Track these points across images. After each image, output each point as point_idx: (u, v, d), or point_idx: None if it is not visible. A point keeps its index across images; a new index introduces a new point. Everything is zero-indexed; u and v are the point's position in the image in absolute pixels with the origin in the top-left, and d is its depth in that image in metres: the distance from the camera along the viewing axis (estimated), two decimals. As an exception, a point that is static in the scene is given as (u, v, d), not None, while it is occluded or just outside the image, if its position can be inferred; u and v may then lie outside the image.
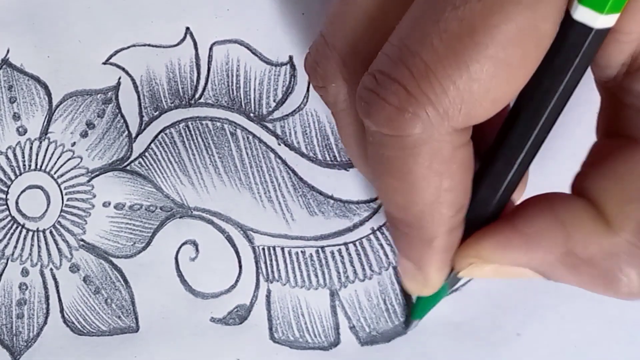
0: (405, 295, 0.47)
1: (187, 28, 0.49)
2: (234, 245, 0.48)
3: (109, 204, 0.49)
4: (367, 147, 0.37)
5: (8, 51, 0.50)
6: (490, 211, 0.39)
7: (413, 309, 0.46)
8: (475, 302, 0.47)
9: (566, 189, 0.39)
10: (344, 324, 0.47)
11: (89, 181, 0.49)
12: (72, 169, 0.49)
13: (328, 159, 0.48)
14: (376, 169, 0.37)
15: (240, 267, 0.48)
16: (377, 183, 0.37)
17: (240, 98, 0.49)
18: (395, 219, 0.38)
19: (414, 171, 0.35)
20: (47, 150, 0.49)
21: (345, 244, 0.48)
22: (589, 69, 0.36)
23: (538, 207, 0.38)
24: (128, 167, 0.49)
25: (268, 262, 0.48)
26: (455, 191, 0.36)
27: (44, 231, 0.49)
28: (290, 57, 0.49)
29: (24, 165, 0.49)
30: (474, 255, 0.38)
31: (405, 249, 0.40)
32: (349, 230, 0.48)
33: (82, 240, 0.48)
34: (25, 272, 0.48)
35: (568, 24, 0.33)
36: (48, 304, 0.48)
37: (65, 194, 0.49)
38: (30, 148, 0.49)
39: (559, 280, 0.38)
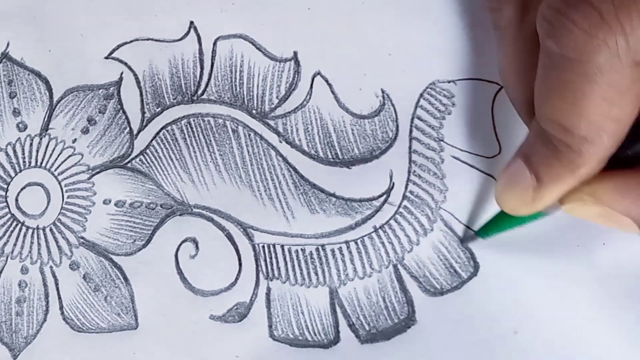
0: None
1: (192, 22, 0.49)
2: (233, 243, 0.48)
3: (110, 201, 0.49)
4: (541, 69, 0.38)
5: (8, 44, 0.50)
6: (628, 157, 0.39)
7: (484, 226, 0.46)
8: (473, 300, 0.46)
9: None
10: (344, 322, 0.47)
11: (89, 178, 0.49)
12: (72, 165, 0.49)
13: (330, 156, 0.48)
14: (548, 90, 0.38)
15: (240, 264, 0.48)
16: (545, 103, 0.39)
17: (243, 94, 0.49)
18: (555, 138, 0.38)
19: (588, 97, 0.36)
20: (47, 146, 0.49)
21: (346, 242, 0.47)
22: None
23: None
24: (129, 165, 0.49)
25: (268, 260, 0.48)
26: (621, 123, 0.37)
27: (44, 229, 0.49)
28: (295, 53, 0.49)
29: (24, 162, 0.49)
30: (590, 193, 0.39)
31: (542, 163, 0.40)
32: (351, 228, 0.48)
33: (82, 237, 0.48)
34: (25, 270, 0.48)
35: None
36: (47, 302, 0.48)
37: (66, 191, 0.49)
38: (31, 144, 0.49)
39: None
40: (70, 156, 0.49)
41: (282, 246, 0.47)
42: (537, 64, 0.40)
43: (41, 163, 0.49)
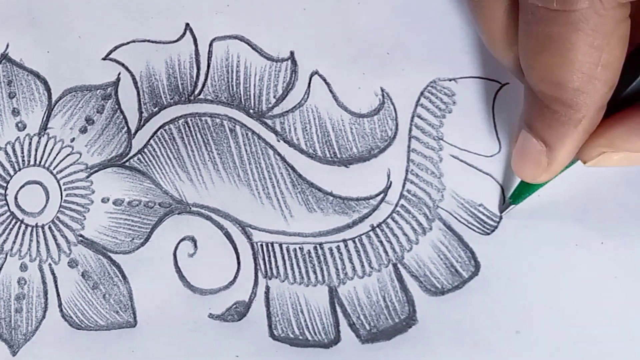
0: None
1: (187, 24, 0.49)
2: (232, 242, 0.47)
3: (108, 199, 0.48)
4: (523, 27, 0.38)
5: (7, 46, 0.49)
6: (628, 96, 0.39)
7: (513, 193, 0.46)
8: (475, 300, 0.46)
9: None
10: (344, 322, 0.46)
11: (88, 177, 0.48)
12: (71, 164, 0.48)
13: (328, 155, 0.48)
14: (534, 47, 0.38)
15: (238, 263, 0.47)
16: (532, 62, 0.38)
17: (240, 94, 0.48)
18: (548, 97, 0.38)
19: (576, 46, 0.36)
20: (46, 145, 0.48)
21: (344, 240, 0.47)
22: None
23: None
24: (127, 163, 0.48)
25: (266, 259, 0.47)
26: (612, 67, 0.37)
27: (42, 226, 0.48)
28: (292, 53, 0.48)
29: (23, 160, 0.48)
30: (606, 144, 0.39)
31: (544, 128, 0.40)
32: (348, 227, 0.47)
33: (81, 235, 0.48)
34: (24, 267, 0.48)
35: None
36: (46, 299, 0.47)
37: (64, 190, 0.48)
38: (30, 143, 0.48)
39: None
40: (68, 155, 0.48)
41: (281, 245, 0.47)
42: (517, 22, 0.40)
43: (40, 162, 0.48)
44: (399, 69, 0.48)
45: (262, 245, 0.47)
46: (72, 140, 0.48)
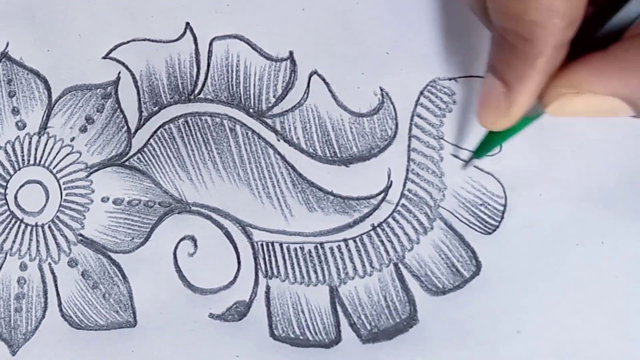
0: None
1: (187, 23, 0.49)
2: (232, 241, 0.47)
3: (108, 199, 0.48)
4: None
5: (7, 44, 0.49)
6: (596, 39, 0.38)
7: (478, 147, 0.45)
8: (476, 300, 0.46)
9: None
10: (345, 322, 0.47)
11: (87, 176, 0.48)
12: (71, 164, 0.48)
13: (328, 154, 0.47)
14: None
15: (239, 262, 0.47)
16: None
17: (240, 94, 0.48)
18: (506, 30, 0.38)
19: None
20: (46, 145, 0.48)
21: (345, 240, 0.47)
22: None
23: (636, 37, 0.37)
24: (127, 163, 0.48)
25: (267, 258, 0.47)
26: (572, 2, 0.36)
27: (42, 226, 0.48)
28: (291, 53, 0.48)
29: (23, 160, 0.48)
30: (566, 84, 0.38)
31: (503, 66, 0.39)
32: (349, 226, 0.47)
33: (81, 235, 0.48)
34: (23, 267, 0.48)
35: None
36: (46, 298, 0.48)
37: (64, 189, 0.48)
38: (30, 143, 0.48)
39: None
40: (68, 154, 0.48)
41: (281, 244, 0.47)
42: None
43: (40, 161, 0.48)
44: (398, 69, 0.48)
45: (262, 244, 0.47)
46: (72, 139, 0.48)
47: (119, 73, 0.48)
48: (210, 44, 0.48)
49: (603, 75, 0.37)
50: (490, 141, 0.44)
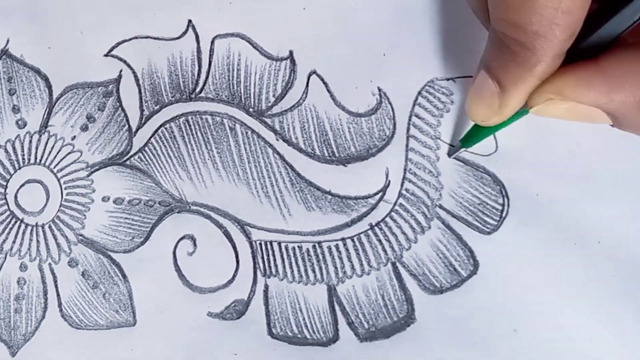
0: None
1: (190, 21, 0.49)
2: (231, 240, 0.47)
3: (108, 198, 0.48)
4: None
5: (8, 41, 0.49)
6: (586, 49, 0.39)
7: (464, 137, 0.46)
8: (473, 298, 0.46)
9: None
10: (343, 320, 0.46)
11: (88, 175, 0.48)
12: (71, 163, 0.48)
13: (326, 154, 0.47)
14: None
15: (237, 261, 0.47)
16: (497, 3, 0.39)
17: (240, 93, 0.48)
18: (508, 38, 0.39)
19: None
20: (47, 143, 0.48)
21: (343, 239, 0.47)
22: None
23: (626, 51, 0.38)
24: (128, 162, 0.48)
25: (265, 257, 0.47)
26: (573, 14, 0.37)
27: (42, 226, 0.48)
28: (291, 52, 0.48)
29: (24, 159, 0.48)
30: (554, 91, 0.39)
31: (500, 68, 0.40)
32: (347, 225, 0.47)
33: (81, 235, 0.48)
34: (23, 267, 0.48)
35: None
36: (46, 299, 0.48)
37: (65, 189, 0.48)
38: (30, 141, 0.48)
39: (628, 128, 0.39)
40: (69, 153, 0.48)
41: (279, 243, 0.47)
42: None
43: (40, 160, 0.48)
44: (396, 69, 0.48)
45: (261, 243, 0.47)
46: (73, 138, 0.48)
47: (121, 71, 0.49)
48: (212, 42, 0.49)
49: (590, 88, 0.38)
50: (478, 133, 0.45)
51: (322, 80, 0.48)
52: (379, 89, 0.48)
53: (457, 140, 0.47)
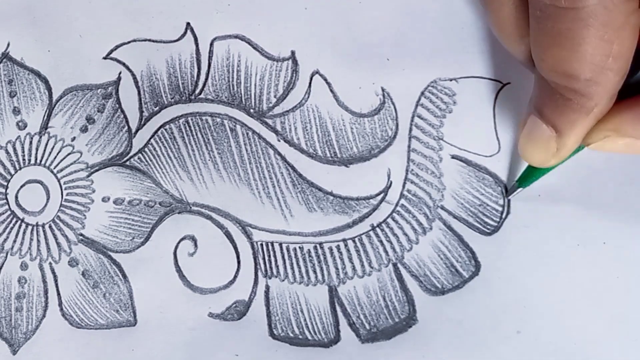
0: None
1: (188, 23, 0.49)
2: (232, 241, 0.47)
3: (108, 199, 0.48)
4: (533, 22, 0.39)
5: (8, 45, 0.49)
6: (637, 83, 0.40)
7: (521, 177, 0.46)
8: (475, 299, 0.46)
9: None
10: (344, 321, 0.46)
11: (88, 176, 0.48)
12: (71, 163, 0.48)
13: (328, 155, 0.47)
14: (544, 42, 0.38)
15: (238, 262, 0.47)
16: (544, 55, 0.39)
17: (241, 94, 0.48)
18: (561, 86, 0.39)
19: (586, 41, 0.37)
20: (47, 144, 0.48)
21: (344, 240, 0.47)
22: None
23: None
24: (127, 163, 0.48)
25: (266, 258, 0.47)
26: (623, 57, 0.37)
27: (43, 225, 0.48)
28: (292, 52, 0.48)
29: (24, 159, 0.48)
30: (611, 128, 0.40)
31: (555, 115, 0.40)
32: (348, 226, 0.47)
33: (81, 234, 0.48)
34: (24, 266, 0.48)
35: None
36: (47, 298, 0.47)
37: (65, 189, 0.48)
38: (30, 142, 0.48)
39: None
40: (69, 154, 0.48)
41: (281, 244, 0.47)
42: (527, 15, 0.40)
43: (41, 161, 0.48)
44: (399, 69, 0.48)
45: (262, 244, 0.47)
46: (73, 139, 0.48)
47: (120, 73, 0.48)
48: (211, 44, 0.48)
49: None
50: (535, 173, 0.45)
51: (325, 80, 0.48)
52: (382, 89, 0.47)
53: (513, 179, 0.46)
